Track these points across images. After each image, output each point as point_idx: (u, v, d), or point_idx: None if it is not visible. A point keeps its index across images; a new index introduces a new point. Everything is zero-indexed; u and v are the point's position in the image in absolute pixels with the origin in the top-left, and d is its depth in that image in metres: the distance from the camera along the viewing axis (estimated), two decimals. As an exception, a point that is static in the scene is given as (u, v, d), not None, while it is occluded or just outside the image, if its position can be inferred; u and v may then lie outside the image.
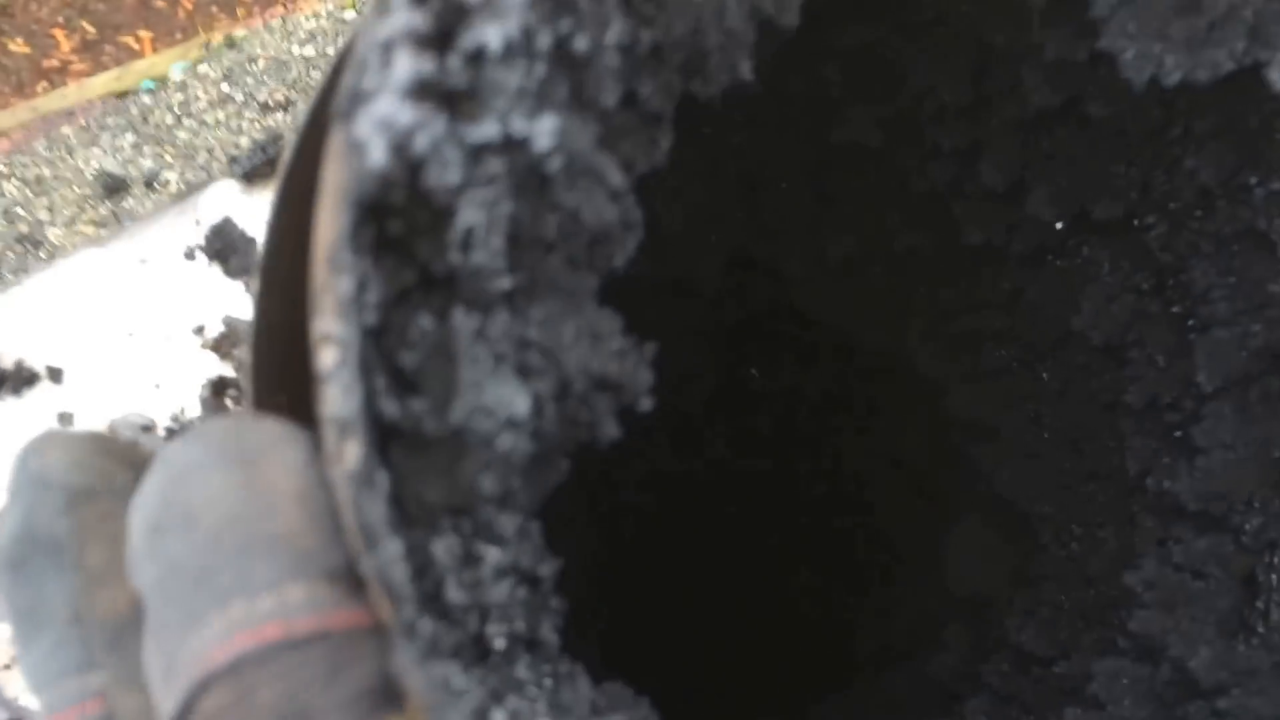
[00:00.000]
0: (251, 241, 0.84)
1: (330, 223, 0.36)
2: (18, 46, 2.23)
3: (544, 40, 0.38)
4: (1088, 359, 0.84)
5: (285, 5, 1.82)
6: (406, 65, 0.35)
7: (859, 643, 1.24)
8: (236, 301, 0.83)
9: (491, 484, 0.38)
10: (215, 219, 0.85)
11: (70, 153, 1.22)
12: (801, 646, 1.29)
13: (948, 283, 0.93)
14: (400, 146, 0.35)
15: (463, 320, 0.38)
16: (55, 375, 0.81)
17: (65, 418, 0.80)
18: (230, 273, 0.84)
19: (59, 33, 2.21)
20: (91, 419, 0.80)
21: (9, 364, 0.81)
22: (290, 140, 0.44)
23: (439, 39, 0.36)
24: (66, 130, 1.51)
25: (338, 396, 0.35)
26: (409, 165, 0.35)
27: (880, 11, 0.66)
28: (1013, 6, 0.60)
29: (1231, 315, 0.69)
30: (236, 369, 0.81)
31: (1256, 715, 0.61)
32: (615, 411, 0.45)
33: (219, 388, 0.81)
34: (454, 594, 0.37)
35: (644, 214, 0.86)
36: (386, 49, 0.35)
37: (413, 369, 0.37)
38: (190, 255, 0.84)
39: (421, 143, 0.35)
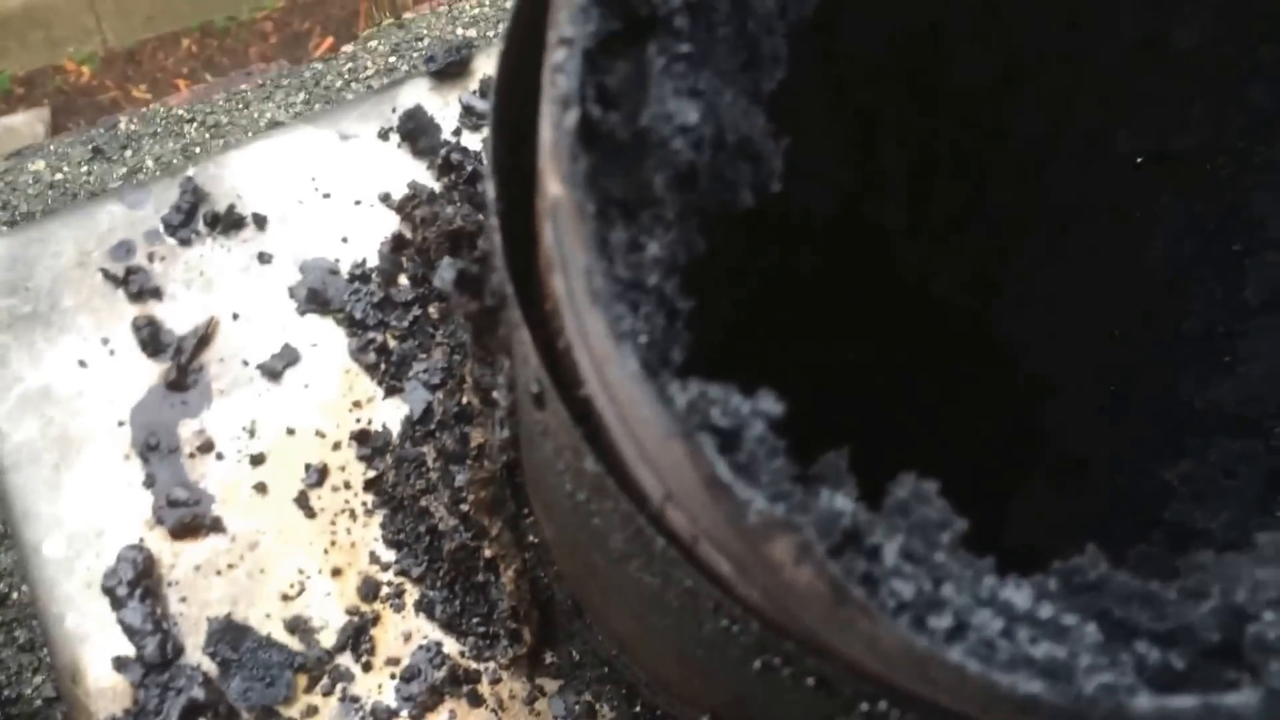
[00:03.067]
0: (437, 126, 0.98)
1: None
2: (140, 93, 2.38)
3: None
4: (1154, 301, 0.94)
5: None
6: None
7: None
8: (420, 173, 0.97)
9: (662, 183, 0.50)
10: (409, 105, 0.99)
11: (246, 105, 1.38)
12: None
13: (1034, 242, 1.03)
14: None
15: (655, 55, 0.50)
16: (260, 222, 0.95)
17: (264, 257, 0.94)
18: (417, 151, 0.98)
19: (181, 83, 2.37)
20: (286, 261, 0.94)
21: (222, 207, 0.95)
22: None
23: None
24: (244, 86, 1.68)
25: (564, 81, 0.48)
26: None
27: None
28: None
29: (1281, 237, 0.79)
30: (414, 230, 0.94)
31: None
32: (751, 184, 0.57)
33: (398, 244, 0.94)
34: (620, 270, 0.49)
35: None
36: None
37: (613, 89, 0.50)
38: (384, 136, 0.98)
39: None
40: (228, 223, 0.94)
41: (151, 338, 0.89)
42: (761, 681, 0.57)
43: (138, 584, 0.82)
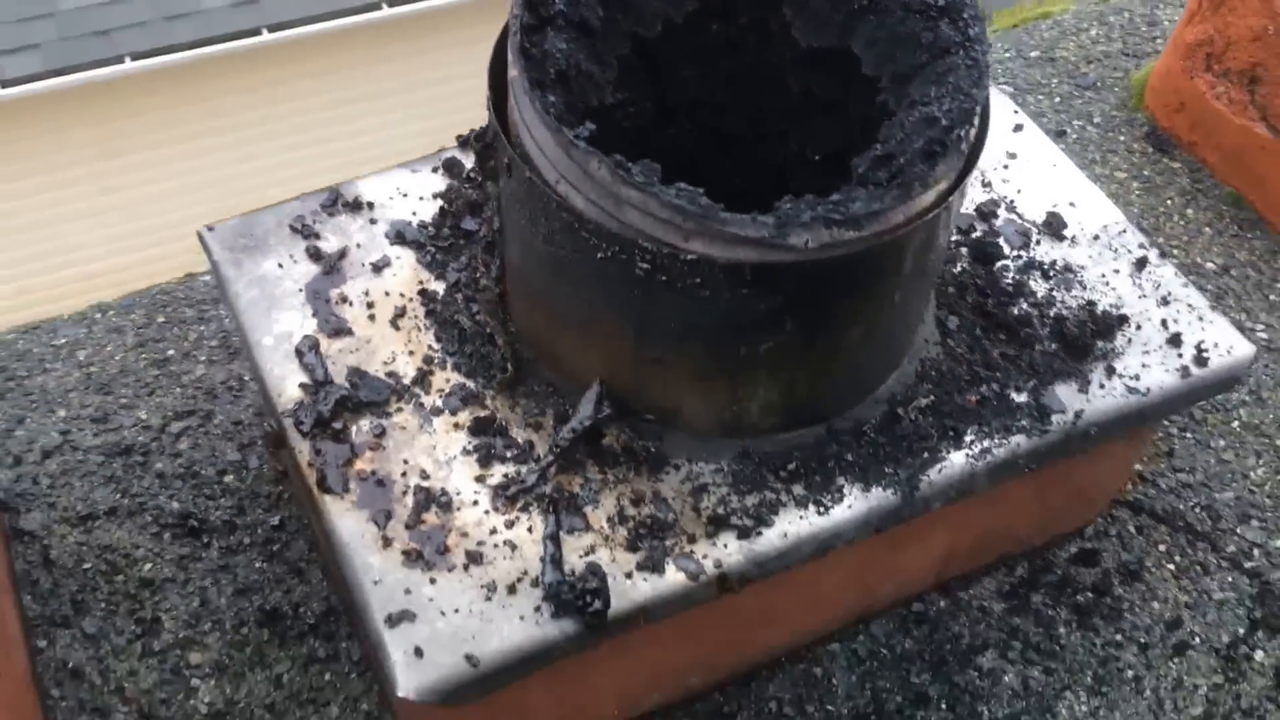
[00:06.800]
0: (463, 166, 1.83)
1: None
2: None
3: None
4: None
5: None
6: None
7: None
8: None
9: (552, 75, 1.33)
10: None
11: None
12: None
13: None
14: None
15: (550, 33, 1.34)
16: (370, 207, 1.78)
17: (372, 220, 1.75)
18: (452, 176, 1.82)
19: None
20: (383, 222, 1.75)
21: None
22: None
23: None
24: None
25: (513, 36, 1.32)
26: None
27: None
28: None
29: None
30: (449, 203, 1.76)
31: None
32: (596, 94, 1.40)
33: (442, 212, 1.77)
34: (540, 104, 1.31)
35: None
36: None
37: (533, 40, 1.33)
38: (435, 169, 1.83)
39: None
40: (353, 208, 1.76)
41: (314, 253, 1.69)
42: (606, 280, 1.34)
43: (312, 350, 1.58)
